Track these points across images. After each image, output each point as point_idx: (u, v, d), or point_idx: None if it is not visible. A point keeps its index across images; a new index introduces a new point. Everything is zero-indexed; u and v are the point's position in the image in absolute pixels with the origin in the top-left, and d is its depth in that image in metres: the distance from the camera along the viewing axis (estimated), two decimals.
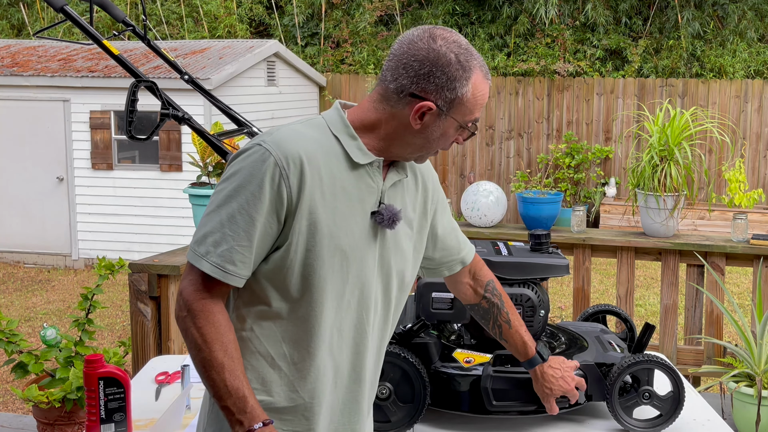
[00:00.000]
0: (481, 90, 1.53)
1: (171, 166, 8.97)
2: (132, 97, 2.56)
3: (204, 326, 1.45)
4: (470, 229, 4.41)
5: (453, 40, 1.51)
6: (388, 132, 1.54)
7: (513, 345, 1.97)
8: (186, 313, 1.47)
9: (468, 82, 1.50)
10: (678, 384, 2.11)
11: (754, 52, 11.06)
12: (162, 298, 3.60)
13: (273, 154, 1.44)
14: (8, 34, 13.03)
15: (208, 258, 1.45)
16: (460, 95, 1.50)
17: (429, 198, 1.72)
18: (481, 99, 1.54)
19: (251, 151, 1.47)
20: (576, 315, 4.39)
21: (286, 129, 1.51)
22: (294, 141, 1.47)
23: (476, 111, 1.54)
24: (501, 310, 1.93)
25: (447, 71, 1.49)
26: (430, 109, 1.50)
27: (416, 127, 1.52)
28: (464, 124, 1.54)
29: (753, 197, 5.62)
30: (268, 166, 1.44)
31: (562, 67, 11.03)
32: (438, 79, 1.49)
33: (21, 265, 9.54)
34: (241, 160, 1.47)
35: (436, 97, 1.50)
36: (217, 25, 12.55)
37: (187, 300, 1.47)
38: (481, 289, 1.92)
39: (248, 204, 1.44)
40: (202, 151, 3.88)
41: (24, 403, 4.62)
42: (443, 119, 1.52)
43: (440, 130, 1.54)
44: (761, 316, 4.01)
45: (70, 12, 2.61)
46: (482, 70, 1.53)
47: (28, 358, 3.65)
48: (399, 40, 1.54)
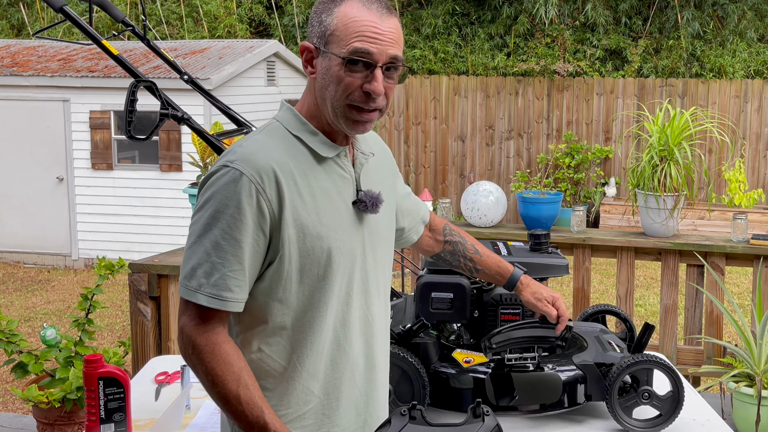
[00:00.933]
0: (352, 16, 1.45)
1: (171, 166, 8.98)
2: (131, 97, 2.56)
3: (211, 361, 1.43)
4: (470, 229, 4.41)
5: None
6: (314, 104, 1.54)
7: (491, 270, 2.00)
8: (191, 350, 1.44)
9: (334, 12, 1.47)
10: (677, 384, 2.11)
11: (754, 52, 11.07)
12: (162, 298, 3.60)
13: (244, 172, 1.42)
14: (8, 34, 13.03)
15: (202, 290, 1.42)
16: (327, 25, 1.47)
17: (390, 170, 1.74)
18: (355, 25, 1.44)
19: (220, 174, 1.43)
20: (576, 315, 4.39)
21: (249, 143, 1.48)
22: (260, 153, 1.45)
23: (353, 39, 1.44)
24: (465, 245, 1.99)
25: (317, 9, 1.50)
26: (310, 51, 1.50)
27: (312, 78, 1.52)
28: (344, 56, 1.45)
29: (753, 197, 5.62)
30: (242, 186, 1.41)
31: (562, 67, 11.03)
32: (313, 21, 1.50)
33: (21, 265, 9.54)
34: (212, 185, 1.44)
35: (312, 38, 1.50)
36: (217, 25, 12.55)
37: (190, 336, 1.44)
38: (441, 236, 1.98)
39: (230, 228, 1.42)
40: (202, 151, 3.88)
41: (24, 403, 4.62)
42: (325, 58, 1.48)
43: (330, 73, 1.47)
44: (761, 316, 4.01)
45: (69, 12, 2.61)
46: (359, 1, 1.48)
47: (28, 358, 3.65)
48: None
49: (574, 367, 2.12)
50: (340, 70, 1.45)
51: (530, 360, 2.11)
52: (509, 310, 2.17)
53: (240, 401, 1.42)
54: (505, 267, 2.01)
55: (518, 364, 2.10)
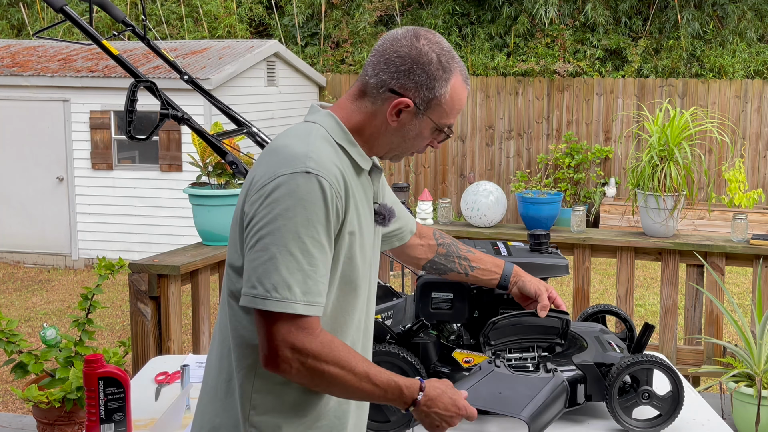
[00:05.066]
0: (459, 93, 1.53)
1: (171, 166, 8.98)
2: (131, 97, 2.56)
3: (335, 357, 1.43)
4: (470, 229, 4.41)
5: (436, 41, 1.51)
6: (372, 132, 1.55)
7: (486, 265, 2.05)
8: (311, 359, 1.41)
9: (447, 84, 1.51)
10: (677, 384, 2.11)
11: (753, 52, 11.07)
12: (162, 298, 3.60)
13: (326, 178, 1.42)
14: (8, 34, 13.03)
15: (298, 299, 1.39)
16: (438, 95, 1.51)
17: (383, 180, 1.79)
18: (459, 103, 1.54)
19: (301, 180, 1.40)
20: (576, 315, 4.39)
21: (315, 148, 1.46)
22: (330, 159, 1.46)
23: (453, 115, 1.55)
24: (457, 246, 2.05)
25: (427, 70, 1.49)
26: (408, 106, 1.51)
27: (393, 125, 1.53)
28: (440, 126, 1.55)
29: (753, 197, 5.62)
30: (326, 192, 1.41)
31: (562, 67, 11.03)
32: (418, 77, 1.49)
33: (21, 265, 9.54)
34: (293, 191, 1.40)
35: (414, 94, 1.50)
36: (217, 25, 12.55)
37: (303, 347, 1.40)
38: (432, 240, 2.03)
39: (318, 233, 1.41)
40: (202, 151, 3.88)
41: (24, 403, 4.62)
42: (420, 119, 1.53)
43: (416, 130, 1.54)
44: (761, 316, 4.01)
45: (69, 12, 2.61)
46: (462, 74, 1.54)
47: (28, 358, 3.65)
48: (383, 37, 1.54)
49: (574, 367, 2.12)
50: (429, 134, 1.55)
51: (530, 360, 2.11)
52: (509, 310, 2.16)
53: (369, 375, 1.46)
54: (499, 260, 2.07)
55: (518, 364, 2.10)
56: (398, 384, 1.51)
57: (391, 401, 1.53)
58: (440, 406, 1.57)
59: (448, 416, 1.59)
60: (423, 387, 1.55)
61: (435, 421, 1.58)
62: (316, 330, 1.42)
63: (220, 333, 1.58)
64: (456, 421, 1.61)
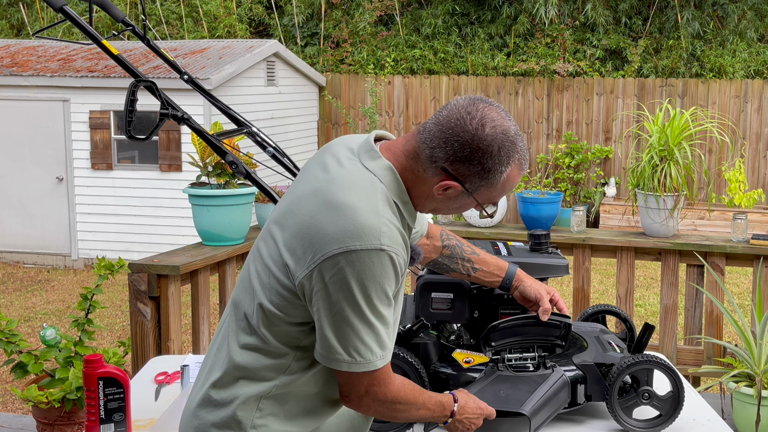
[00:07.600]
0: (512, 181, 1.56)
1: (171, 166, 8.97)
2: (131, 97, 2.56)
3: (404, 398, 1.58)
4: (470, 229, 4.42)
5: (502, 129, 1.49)
6: (418, 194, 1.56)
7: (489, 268, 2.05)
8: (398, 404, 1.57)
9: (502, 175, 1.52)
10: (677, 384, 2.11)
11: (753, 52, 11.07)
12: (162, 298, 3.60)
13: (399, 254, 1.47)
14: (8, 34, 13.03)
15: (379, 356, 1.50)
16: (489, 183, 1.53)
17: None
18: (509, 188, 1.57)
19: (377, 259, 1.44)
20: (576, 315, 4.39)
21: (385, 220, 1.46)
22: (395, 226, 1.48)
23: (500, 197, 1.58)
24: (462, 247, 2.05)
25: (485, 162, 1.49)
26: (456, 188, 1.53)
27: (438, 196, 1.55)
28: (483, 203, 1.58)
29: (753, 197, 5.62)
30: (396, 266, 1.47)
31: (562, 67, 11.03)
32: (474, 167, 1.49)
33: (21, 265, 9.54)
34: (371, 270, 1.44)
35: (465, 179, 1.51)
36: (216, 25, 12.55)
37: (383, 397, 1.55)
38: (438, 241, 2.03)
39: (388, 296, 1.49)
40: (202, 151, 3.88)
41: (24, 403, 4.61)
42: (466, 197, 1.55)
43: (460, 203, 1.57)
44: (761, 316, 4.01)
45: (69, 12, 2.61)
46: (520, 162, 1.54)
47: (27, 358, 3.65)
48: (451, 107, 1.51)
49: (574, 368, 2.12)
50: (473, 206, 1.59)
51: (530, 360, 2.11)
52: (509, 310, 2.16)
53: (426, 405, 1.64)
54: (502, 262, 2.07)
55: (518, 364, 2.10)
56: (441, 402, 1.68)
57: (437, 419, 1.69)
58: (469, 411, 1.74)
59: (475, 418, 1.75)
60: (456, 398, 1.72)
61: (466, 425, 1.74)
62: (390, 377, 1.55)
63: None
64: (480, 421, 1.78)
